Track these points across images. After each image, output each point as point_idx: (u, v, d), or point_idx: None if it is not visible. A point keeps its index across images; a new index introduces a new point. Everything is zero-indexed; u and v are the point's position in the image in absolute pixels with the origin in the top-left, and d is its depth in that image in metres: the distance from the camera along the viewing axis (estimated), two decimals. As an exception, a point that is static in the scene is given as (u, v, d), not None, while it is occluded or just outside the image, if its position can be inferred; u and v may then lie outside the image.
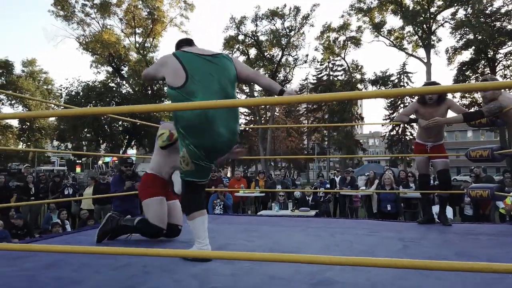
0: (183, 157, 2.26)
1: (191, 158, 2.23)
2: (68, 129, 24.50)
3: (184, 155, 2.25)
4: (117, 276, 2.03)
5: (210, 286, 1.85)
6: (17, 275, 2.04)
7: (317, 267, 2.19)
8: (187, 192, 2.37)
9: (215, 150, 2.28)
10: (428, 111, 3.66)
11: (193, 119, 2.14)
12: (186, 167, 2.27)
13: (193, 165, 2.25)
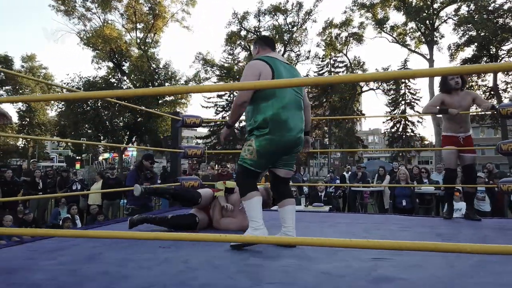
0: (250, 147, 2.44)
1: (260, 149, 2.41)
2: (69, 125, 24.33)
3: (252, 145, 2.43)
4: (165, 272, 1.94)
5: (265, 282, 1.77)
6: (59, 268, 1.95)
7: (368, 262, 2.12)
8: (243, 178, 2.52)
9: (284, 144, 2.44)
10: (456, 100, 3.61)
11: (272, 116, 2.39)
12: (249, 155, 2.44)
13: (256, 156, 2.43)
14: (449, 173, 3.84)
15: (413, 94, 32.53)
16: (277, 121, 2.39)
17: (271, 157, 2.50)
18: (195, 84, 27.90)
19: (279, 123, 2.40)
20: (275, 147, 2.43)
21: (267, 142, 2.40)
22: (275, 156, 2.51)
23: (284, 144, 2.45)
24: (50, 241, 2.67)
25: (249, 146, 2.44)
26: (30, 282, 1.73)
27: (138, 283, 1.75)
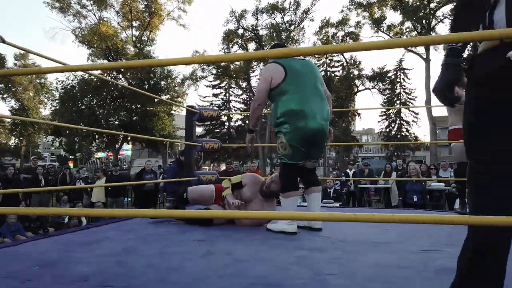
0: (281, 143, 2.54)
1: (290, 142, 2.51)
2: (64, 123, 23.98)
3: (282, 140, 2.54)
4: (213, 264, 1.85)
5: (325, 273, 1.68)
6: (102, 261, 1.84)
7: (419, 254, 2.05)
8: (286, 173, 2.63)
9: (309, 131, 2.51)
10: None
11: (295, 108, 2.51)
12: (284, 151, 2.55)
13: (290, 149, 2.53)
14: (462, 167, 3.76)
15: (408, 93, 32.69)
16: (296, 112, 2.52)
17: (303, 147, 2.58)
18: (191, 82, 27.77)
19: (298, 114, 2.53)
20: (301, 136, 2.53)
21: (294, 133, 2.52)
22: (306, 145, 2.58)
23: (310, 132, 2.53)
24: (76, 235, 2.56)
25: (281, 143, 2.57)
26: (77, 274, 1.63)
27: (191, 274, 1.66)
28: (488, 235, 1.08)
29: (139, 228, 2.79)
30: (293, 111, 2.52)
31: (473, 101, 1.18)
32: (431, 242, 2.38)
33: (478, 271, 1.10)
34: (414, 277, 1.61)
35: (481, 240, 1.10)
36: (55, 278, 1.58)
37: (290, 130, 2.52)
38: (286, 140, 2.53)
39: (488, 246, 1.08)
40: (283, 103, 2.56)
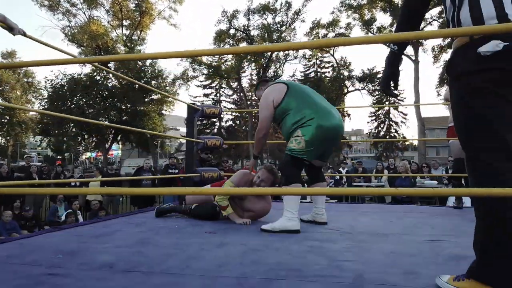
0: (297, 137, 2.52)
1: (308, 138, 2.49)
2: (53, 123, 23.68)
3: (299, 135, 2.52)
4: (230, 253, 1.89)
5: (339, 259, 1.74)
6: (121, 250, 1.87)
7: (426, 244, 2.12)
8: (290, 167, 2.56)
9: (330, 130, 2.54)
10: None
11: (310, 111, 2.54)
12: (297, 145, 2.52)
13: (305, 145, 2.50)
14: (460, 163, 3.87)
15: (397, 95, 33.08)
16: (317, 111, 2.55)
17: (319, 145, 2.57)
18: (182, 82, 27.67)
19: (319, 111, 2.56)
20: (322, 134, 2.52)
21: (315, 130, 2.50)
22: (323, 144, 2.59)
23: (330, 130, 2.55)
24: (87, 229, 2.58)
25: (297, 137, 2.53)
26: (101, 262, 1.66)
27: (212, 261, 1.70)
28: (496, 210, 1.17)
29: (148, 222, 2.82)
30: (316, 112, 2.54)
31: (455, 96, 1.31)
32: (435, 233, 2.46)
33: (493, 249, 1.18)
34: (428, 263, 1.67)
35: (491, 217, 1.19)
36: (80, 265, 1.61)
37: (312, 127, 2.50)
38: (304, 135, 2.50)
39: (498, 220, 1.16)
40: (301, 107, 2.57)
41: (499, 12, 1.19)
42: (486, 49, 1.16)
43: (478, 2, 1.22)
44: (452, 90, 1.32)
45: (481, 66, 1.19)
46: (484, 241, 1.21)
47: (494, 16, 1.19)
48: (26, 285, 1.35)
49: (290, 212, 2.47)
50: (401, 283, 1.40)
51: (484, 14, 1.21)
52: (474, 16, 1.22)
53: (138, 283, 1.37)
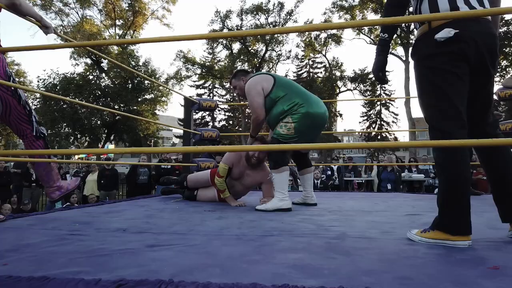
0: (287, 123, 2.69)
1: (297, 125, 2.67)
2: (46, 122, 23.63)
3: (289, 121, 2.68)
4: (230, 223, 2.10)
5: (328, 226, 1.97)
6: (131, 220, 2.07)
7: (405, 217, 2.36)
8: (278, 152, 2.70)
9: (317, 117, 2.74)
10: None
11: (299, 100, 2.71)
12: (286, 131, 2.69)
13: (294, 131, 2.68)
14: None
15: (388, 95, 33.56)
16: (306, 100, 2.74)
17: (308, 132, 2.75)
18: (175, 81, 27.78)
19: (309, 99, 2.77)
20: (311, 121, 2.72)
21: (303, 117, 2.69)
22: (311, 130, 2.77)
23: (319, 118, 2.76)
24: (96, 208, 2.77)
25: (287, 123, 2.70)
26: (115, 227, 1.86)
27: (214, 227, 1.91)
28: (446, 168, 1.43)
29: (152, 204, 3.02)
30: (305, 100, 2.71)
31: (419, 75, 1.58)
32: (415, 210, 2.70)
33: (446, 202, 1.43)
34: (403, 227, 1.91)
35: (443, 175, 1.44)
36: (97, 230, 1.81)
37: (302, 114, 2.67)
38: (293, 121, 2.67)
39: (447, 177, 1.42)
40: (290, 96, 2.72)
41: (452, 5, 1.44)
42: (441, 36, 1.41)
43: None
44: (416, 71, 1.56)
45: (437, 50, 1.44)
46: (440, 196, 1.46)
47: (448, 8, 1.45)
48: (52, 240, 1.55)
49: (281, 193, 2.67)
50: (377, 237, 1.63)
51: (440, 6, 1.46)
52: (432, 8, 1.47)
53: (150, 239, 1.58)
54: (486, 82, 1.54)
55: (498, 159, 1.52)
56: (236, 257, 1.22)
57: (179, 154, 7.98)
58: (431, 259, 1.20)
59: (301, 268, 1.07)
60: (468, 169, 1.46)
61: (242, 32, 2.40)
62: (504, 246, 1.41)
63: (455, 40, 1.41)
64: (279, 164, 2.71)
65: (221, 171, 2.98)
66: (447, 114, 1.45)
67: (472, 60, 1.45)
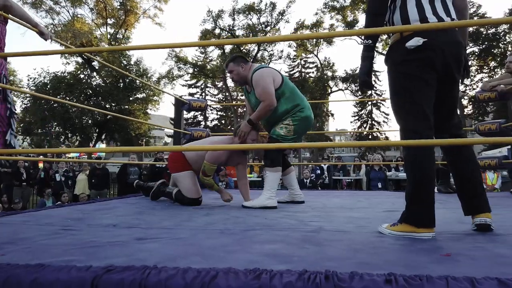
0: (288, 125, 2.84)
1: (297, 127, 2.84)
2: (36, 121, 23.48)
3: (289, 123, 2.84)
4: (217, 219, 2.21)
5: (308, 221, 2.08)
6: (122, 217, 2.17)
7: (383, 213, 2.48)
8: (277, 152, 2.82)
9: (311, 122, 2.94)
10: None
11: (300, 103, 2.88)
12: (286, 133, 2.84)
13: (293, 133, 2.84)
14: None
15: (379, 95, 33.91)
16: (305, 104, 2.93)
17: (301, 134, 2.96)
18: (167, 81, 27.78)
19: (306, 103, 2.95)
20: (307, 124, 2.91)
21: (302, 121, 2.87)
22: (303, 133, 2.98)
23: (311, 121, 2.95)
24: (87, 206, 2.86)
25: (287, 125, 2.84)
26: (105, 223, 1.96)
27: (201, 223, 2.02)
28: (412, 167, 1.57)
29: (142, 202, 3.11)
30: (298, 105, 2.87)
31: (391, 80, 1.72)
32: (394, 206, 2.83)
33: (412, 197, 1.56)
34: (378, 221, 2.03)
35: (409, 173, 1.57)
36: (88, 225, 1.90)
37: (301, 118, 2.84)
38: (293, 124, 2.83)
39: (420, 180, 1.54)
40: (293, 97, 2.87)
41: (421, 15, 1.57)
42: (411, 44, 1.54)
43: (406, 9, 1.60)
44: (389, 75, 1.69)
45: (408, 57, 1.57)
46: (407, 191, 1.59)
47: (417, 19, 1.57)
48: (46, 234, 1.64)
49: (269, 191, 2.79)
50: (351, 230, 1.75)
51: (410, 17, 1.58)
52: (403, 18, 1.60)
53: (139, 233, 1.68)
54: (452, 88, 1.68)
55: (460, 159, 1.66)
56: (217, 248, 1.33)
57: None
58: (394, 249, 1.32)
59: (274, 256, 1.18)
60: (433, 167, 1.59)
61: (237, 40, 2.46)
62: (464, 237, 1.54)
63: (423, 48, 1.54)
64: (275, 164, 2.82)
65: (208, 171, 2.87)
66: (417, 116, 1.58)
67: (439, 67, 1.58)
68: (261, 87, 2.78)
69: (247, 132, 2.89)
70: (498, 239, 1.49)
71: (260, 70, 2.86)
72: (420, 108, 1.57)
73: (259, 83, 2.80)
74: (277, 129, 2.85)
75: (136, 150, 1.81)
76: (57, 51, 2.17)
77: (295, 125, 2.83)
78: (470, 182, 1.65)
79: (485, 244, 1.38)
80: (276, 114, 2.86)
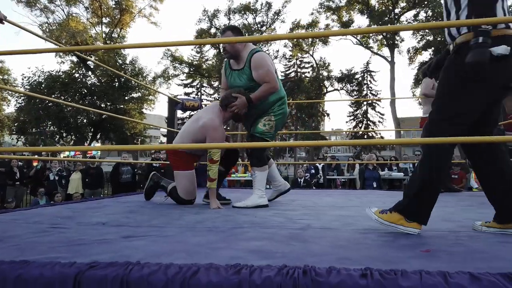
0: (270, 121, 2.83)
1: (277, 122, 2.84)
2: (30, 121, 23.35)
3: (271, 119, 2.83)
4: (205, 218, 2.23)
5: (297, 219, 2.10)
6: (113, 215, 2.18)
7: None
8: (262, 150, 2.82)
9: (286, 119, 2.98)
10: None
11: (283, 95, 2.90)
12: (269, 129, 2.83)
13: (274, 128, 2.84)
14: None
15: (374, 94, 34.04)
16: (284, 96, 2.93)
17: (279, 129, 2.97)
18: (163, 80, 27.72)
19: (285, 98, 2.94)
20: (283, 120, 2.94)
21: (282, 116, 2.90)
22: (280, 129, 3.00)
23: (286, 117, 2.98)
24: (78, 204, 2.86)
25: (270, 121, 2.84)
26: (95, 221, 1.97)
27: (191, 221, 2.03)
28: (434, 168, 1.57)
29: (133, 201, 3.12)
30: (283, 98, 2.88)
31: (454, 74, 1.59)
32: (384, 205, 2.85)
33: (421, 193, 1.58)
34: (366, 220, 2.05)
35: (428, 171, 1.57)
36: (77, 224, 1.91)
37: (281, 113, 2.86)
38: (275, 120, 2.83)
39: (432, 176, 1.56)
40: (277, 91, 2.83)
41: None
42: (500, 51, 1.45)
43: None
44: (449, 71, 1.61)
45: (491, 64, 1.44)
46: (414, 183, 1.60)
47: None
48: (33, 232, 1.65)
49: (260, 190, 2.79)
50: (338, 228, 1.77)
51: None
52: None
53: (127, 231, 1.69)
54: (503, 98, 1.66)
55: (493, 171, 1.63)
56: (203, 245, 1.35)
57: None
58: (377, 245, 1.35)
59: (258, 252, 1.20)
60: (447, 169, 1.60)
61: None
62: (448, 235, 1.57)
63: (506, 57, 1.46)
64: (262, 162, 2.81)
65: (214, 155, 2.67)
66: (458, 120, 1.55)
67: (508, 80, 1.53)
68: (266, 68, 2.74)
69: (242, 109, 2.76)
70: (479, 236, 1.51)
71: (261, 52, 2.81)
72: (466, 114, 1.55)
73: (263, 64, 2.74)
74: (260, 126, 2.81)
75: (129, 148, 1.83)
76: (50, 49, 2.18)
77: (276, 121, 2.84)
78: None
79: (465, 241, 1.40)
80: (265, 103, 2.82)
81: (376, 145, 33.18)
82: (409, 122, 42.56)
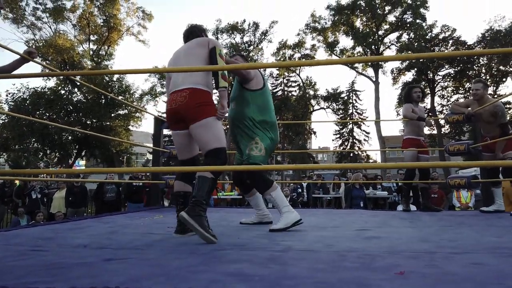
0: (257, 144, 2.75)
1: (267, 147, 2.76)
2: (13, 137, 22.93)
3: (258, 142, 2.75)
4: (188, 242, 2.23)
5: (280, 240, 2.13)
6: (93, 237, 2.17)
7: (355, 231, 2.55)
8: (261, 174, 2.70)
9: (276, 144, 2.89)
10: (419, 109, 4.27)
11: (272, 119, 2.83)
12: (258, 152, 2.74)
13: (265, 153, 2.76)
14: (411, 171, 4.41)
15: (359, 113, 34.59)
16: (274, 123, 2.86)
17: (269, 154, 2.90)
18: (150, 97, 27.70)
19: (275, 126, 2.88)
20: (273, 146, 2.87)
21: (272, 142, 2.82)
22: (271, 154, 2.95)
23: (276, 144, 2.92)
24: (60, 225, 2.83)
25: (257, 145, 2.75)
26: (76, 243, 1.96)
27: (174, 242, 2.04)
28: None
29: (116, 221, 3.10)
30: (273, 122, 2.82)
31: None
32: (366, 225, 2.90)
33: None
34: (346, 241, 2.09)
35: None
36: (58, 246, 1.90)
37: (270, 138, 2.78)
38: (264, 144, 2.74)
39: None
40: (265, 111, 2.79)
41: None
42: None
43: None
44: None
45: None
46: None
47: None
48: (12, 256, 1.64)
49: (287, 207, 2.67)
50: (319, 250, 1.80)
51: None
52: None
53: (109, 254, 1.69)
54: None
55: None
56: (183, 268, 1.36)
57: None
58: (354, 267, 1.38)
59: (236, 275, 1.22)
60: None
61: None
62: (423, 255, 1.61)
63: None
64: (268, 183, 2.69)
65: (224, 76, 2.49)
66: None
67: None
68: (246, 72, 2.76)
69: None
70: (453, 258, 1.56)
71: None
72: None
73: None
74: (251, 152, 2.73)
75: (116, 171, 1.83)
76: (37, 74, 2.19)
77: (263, 144, 2.74)
78: None
79: (439, 262, 1.45)
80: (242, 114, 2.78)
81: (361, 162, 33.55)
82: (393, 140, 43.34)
